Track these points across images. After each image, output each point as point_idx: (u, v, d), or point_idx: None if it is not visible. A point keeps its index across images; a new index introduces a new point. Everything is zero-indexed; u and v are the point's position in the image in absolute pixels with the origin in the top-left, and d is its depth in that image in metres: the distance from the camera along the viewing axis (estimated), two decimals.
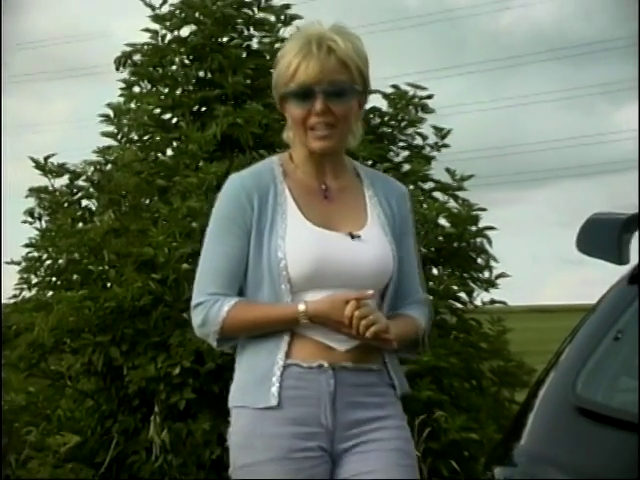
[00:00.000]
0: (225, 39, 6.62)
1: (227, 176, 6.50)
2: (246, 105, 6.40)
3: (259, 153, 6.07)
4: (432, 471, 6.03)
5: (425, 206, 6.37)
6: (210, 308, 2.40)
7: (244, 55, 6.59)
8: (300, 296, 2.39)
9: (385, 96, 6.54)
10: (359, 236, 2.44)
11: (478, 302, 6.66)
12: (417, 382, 6.10)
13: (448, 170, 6.47)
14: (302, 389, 2.38)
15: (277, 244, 2.39)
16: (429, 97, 6.50)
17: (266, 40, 6.67)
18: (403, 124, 6.61)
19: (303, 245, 2.40)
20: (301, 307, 2.37)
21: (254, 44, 6.67)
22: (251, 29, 6.65)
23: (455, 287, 6.49)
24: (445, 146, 6.55)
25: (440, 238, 6.45)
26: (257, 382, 2.39)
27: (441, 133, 6.50)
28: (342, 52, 2.36)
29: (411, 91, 6.51)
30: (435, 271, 6.61)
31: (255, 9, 6.55)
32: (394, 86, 6.54)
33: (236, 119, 6.22)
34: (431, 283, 6.50)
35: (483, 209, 6.45)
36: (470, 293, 6.57)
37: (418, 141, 6.60)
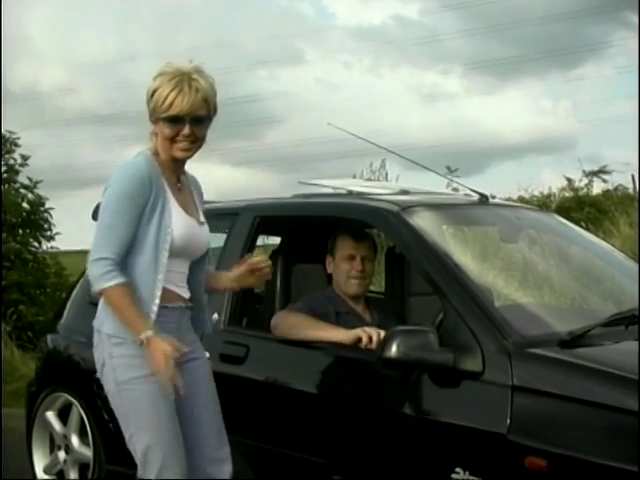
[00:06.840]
0: None
1: None
2: None
3: None
4: (19, 339, 9.05)
5: (16, 197, 10.37)
6: (104, 274, 2.70)
7: None
8: (172, 260, 2.82)
9: None
10: (204, 223, 2.97)
11: (44, 248, 10.68)
12: (10, 290, 9.58)
13: (29, 178, 10.56)
14: (168, 322, 2.84)
15: (168, 222, 2.80)
16: (18, 138, 10.72)
17: None
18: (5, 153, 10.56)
19: (183, 226, 2.85)
20: (147, 334, 2.68)
21: None
22: None
23: (32, 239, 10.45)
24: (27, 165, 10.68)
25: (24, 213, 10.45)
26: None
27: (24, 158, 10.61)
28: (204, 92, 2.82)
29: (7, 135, 10.64)
30: (21, 231, 10.44)
31: None
32: None
33: None
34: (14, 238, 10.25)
35: (47, 198, 10.60)
36: (40, 243, 10.57)
37: (12, 162, 10.70)
